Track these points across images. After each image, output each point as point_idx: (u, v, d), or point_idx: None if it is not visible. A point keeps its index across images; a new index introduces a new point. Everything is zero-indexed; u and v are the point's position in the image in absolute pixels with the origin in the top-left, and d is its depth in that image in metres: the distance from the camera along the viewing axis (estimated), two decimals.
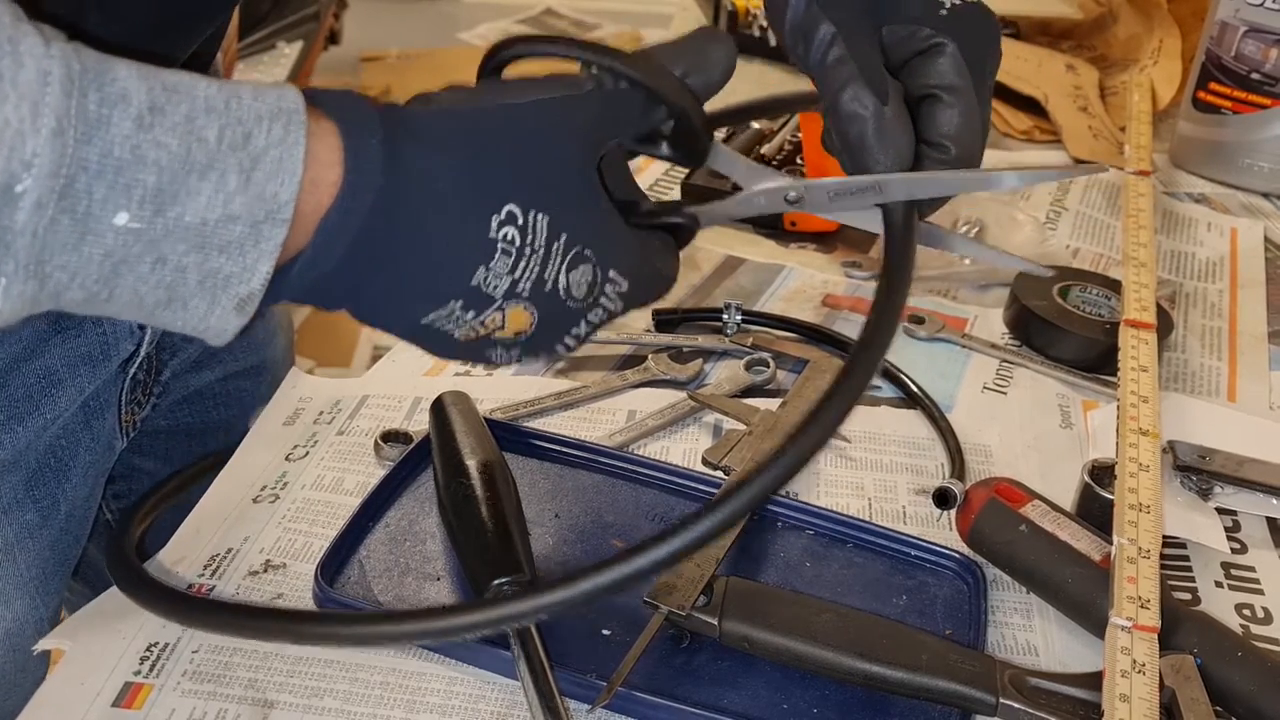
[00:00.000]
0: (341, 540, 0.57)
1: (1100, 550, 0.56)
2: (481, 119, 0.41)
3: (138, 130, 0.33)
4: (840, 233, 0.95)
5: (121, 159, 0.33)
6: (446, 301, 0.40)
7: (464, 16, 3.11)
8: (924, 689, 0.50)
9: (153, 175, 0.33)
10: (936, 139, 0.49)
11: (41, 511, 0.62)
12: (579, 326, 0.44)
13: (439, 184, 0.39)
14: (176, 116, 0.34)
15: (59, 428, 0.62)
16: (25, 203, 0.32)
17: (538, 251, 0.40)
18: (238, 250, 0.35)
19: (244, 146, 0.35)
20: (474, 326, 0.41)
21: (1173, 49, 1.17)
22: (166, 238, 0.34)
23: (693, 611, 0.52)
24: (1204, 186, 1.06)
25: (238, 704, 0.50)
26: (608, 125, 0.44)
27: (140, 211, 0.33)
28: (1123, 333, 0.71)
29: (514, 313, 0.41)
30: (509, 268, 0.40)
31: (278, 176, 0.35)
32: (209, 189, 0.34)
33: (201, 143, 0.34)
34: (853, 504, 0.64)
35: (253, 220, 0.35)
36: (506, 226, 0.39)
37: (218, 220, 0.35)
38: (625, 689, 0.49)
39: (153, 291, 0.35)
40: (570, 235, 0.41)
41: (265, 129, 0.35)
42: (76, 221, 0.33)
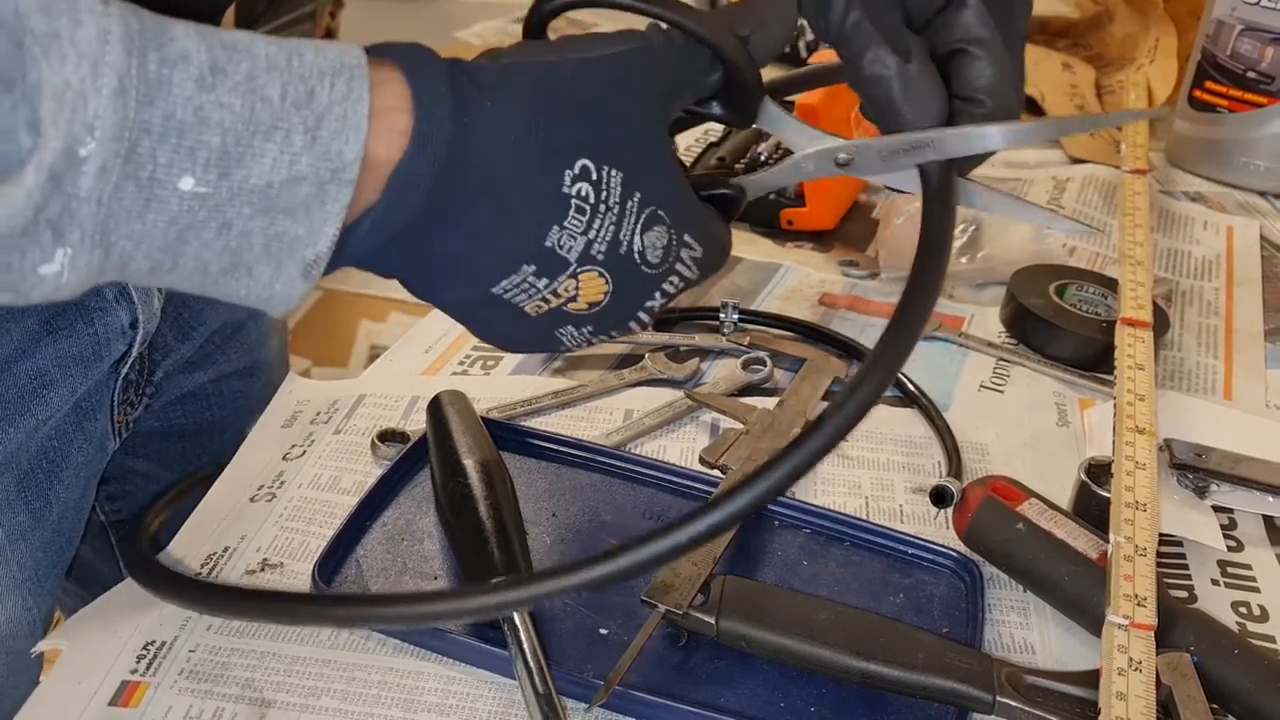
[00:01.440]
0: (339, 539, 0.57)
1: (1097, 548, 0.56)
2: (553, 71, 0.39)
3: (200, 91, 0.32)
4: (837, 231, 0.95)
5: (185, 121, 0.32)
6: (519, 265, 0.38)
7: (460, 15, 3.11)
8: (921, 687, 0.50)
9: (217, 137, 0.32)
10: (969, 93, 0.48)
11: (34, 512, 0.62)
12: (653, 296, 0.43)
13: (510, 136, 0.37)
14: (238, 75, 0.33)
15: (51, 428, 0.61)
16: (89, 167, 0.31)
17: (612, 209, 0.39)
18: (304, 212, 0.34)
19: (308, 104, 0.34)
20: (546, 296, 0.40)
21: (1169, 47, 1.18)
22: (232, 201, 0.33)
23: (690, 610, 0.52)
24: (1200, 185, 1.06)
25: (235, 703, 0.50)
26: (679, 82, 0.43)
27: (205, 175, 0.33)
28: (1119, 331, 0.71)
29: (588, 279, 0.40)
30: (583, 226, 0.39)
31: (342, 134, 0.34)
32: (274, 149, 0.33)
33: (265, 102, 0.33)
34: (850, 502, 0.64)
35: (319, 180, 0.34)
36: (580, 183, 0.38)
37: (283, 182, 0.34)
38: (623, 688, 0.49)
39: (218, 258, 0.34)
40: (644, 194, 0.40)
41: (329, 85, 0.34)
42: (141, 187, 0.32)
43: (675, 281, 0.43)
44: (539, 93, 0.39)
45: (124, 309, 0.62)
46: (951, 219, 0.46)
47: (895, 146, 0.47)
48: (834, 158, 0.49)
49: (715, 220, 0.46)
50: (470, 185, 0.37)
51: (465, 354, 0.77)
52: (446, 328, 0.80)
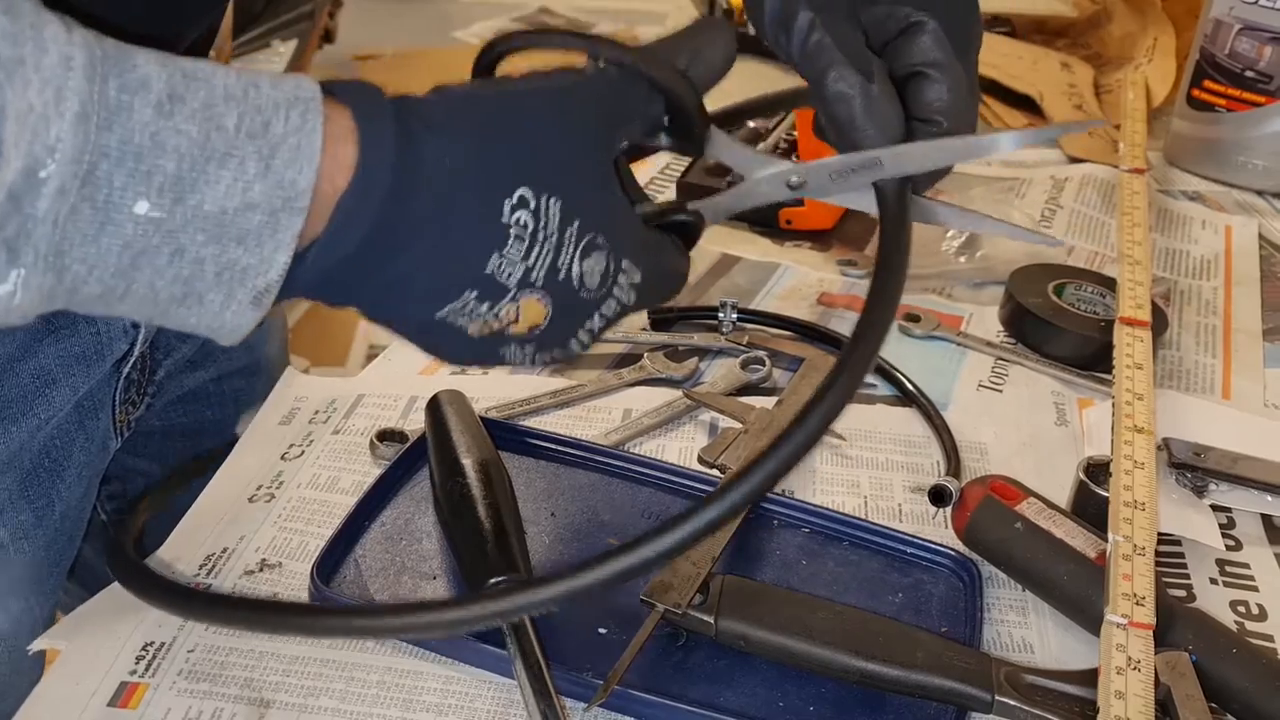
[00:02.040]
0: (337, 539, 0.57)
1: (1095, 547, 0.56)
2: (492, 104, 0.41)
3: (158, 117, 0.33)
4: (836, 231, 0.95)
5: (142, 145, 0.33)
6: (461, 292, 0.40)
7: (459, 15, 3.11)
8: (920, 686, 0.50)
9: (172, 162, 0.33)
10: (927, 115, 0.49)
11: (36, 512, 0.62)
12: (592, 320, 0.44)
13: (451, 166, 0.38)
14: (195, 103, 0.34)
15: (53, 428, 0.61)
16: (48, 189, 0.31)
17: (550, 237, 0.40)
18: (255, 240, 0.35)
19: (263, 134, 0.35)
20: (488, 320, 0.41)
21: (1167, 47, 1.18)
22: (185, 227, 0.34)
23: (689, 610, 0.52)
24: (1199, 184, 1.06)
25: (234, 703, 0.50)
26: (617, 112, 0.44)
27: (160, 200, 0.33)
28: (1118, 330, 0.71)
29: (528, 304, 0.41)
30: (522, 254, 0.40)
31: (296, 163, 0.35)
32: (228, 176, 0.34)
33: (221, 130, 0.34)
34: (848, 502, 0.64)
35: (271, 208, 0.35)
36: (519, 211, 0.39)
37: (236, 209, 0.34)
38: (622, 687, 0.49)
39: (169, 286, 0.35)
40: (583, 221, 0.41)
41: (284, 116, 0.35)
42: (97, 210, 0.33)
43: (613, 305, 0.44)
44: (478, 124, 0.40)
45: None
46: (907, 233, 0.47)
47: (846, 166, 0.48)
48: (785, 181, 0.50)
49: (666, 247, 0.47)
50: (412, 214, 0.38)
51: None
52: None
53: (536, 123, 0.41)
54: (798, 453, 0.40)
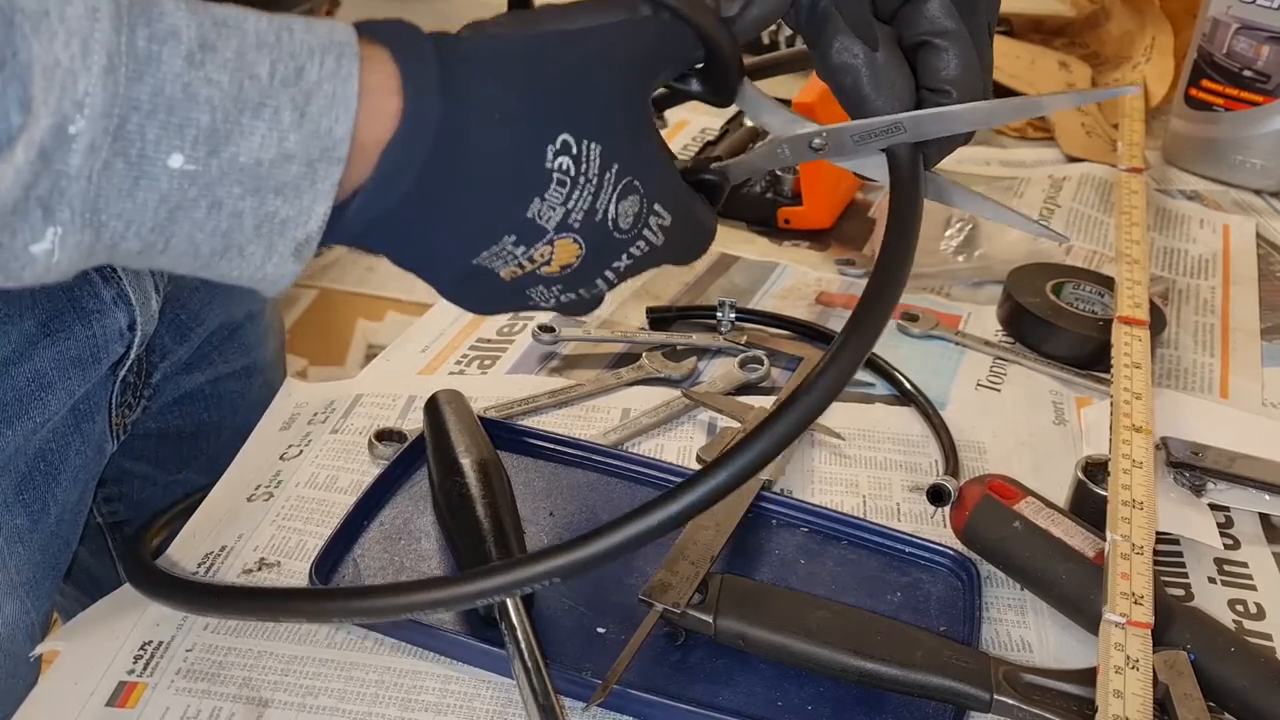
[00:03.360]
0: (336, 538, 0.57)
1: (1094, 546, 0.56)
2: (536, 45, 0.40)
3: (189, 67, 0.32)
4: (834, 230, 0.95)
5: (173, 97, 0.32)
6: (501, 236, 0.39)
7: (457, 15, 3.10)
8: (918, 686, 0.50)
9: (206, 114, 0.32)
10: (936, 84, 0.49)
11: (32, 515, 0.62)
12: (620, 259, 0.43)
13: (495, 112, 0.38)
14: (227, 52, 0.33)
15: (49, 431, 0.61)
16: (79, 145, 0.31)
17: (591, 181, 0.40)
18: (294, 191, 0.34)
19: (297, 81, 0.34)
20: (521, 262, 0.40)
21: (1165, 46, 1.18)
22: (222, 180, 0.33)
23: (688, 609, 0.52)
24: (1197, 183, 1.06)
25: (232, 702, 0.50)
26: (659, 57, 0.43)
27: (194, 152, 0.33)
28: (1116, 329, 0.71)
29: (562, 245, 0.40)
30: (563, 198, 0.39)
31: (332, 111, 0.34)
32: (263, 127, 0.33)
33: (254, 79, 0.33)
34: (847, 501, 0.64)
35: (308, 159, 0.34)
36: (562, 156, 0.39)
37: (273, 160, 0.34)
38: (620, 687, 0.49)
39: (209, 240, 0.34)
40: (622, 165, 0.41)
41: (318, 62, 0.34)
42: (130, 165, 0.32)
43: (642, 246, 0.44)
44: (523, 69, 0.39)
45: (122, 311, 0.62)
46: (919, 198, 0.47)
47: (868, 130, 0.48)
48: (808, 142, 0.49)
49: (696, 201, 0.47)
50: (458, 164, 0.37)
51: (462, 353, 0.77)
52: (444, 327, 0.80)
53: (579, 67, 0.40)
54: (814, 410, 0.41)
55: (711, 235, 0.48)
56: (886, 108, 0.48)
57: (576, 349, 0.78)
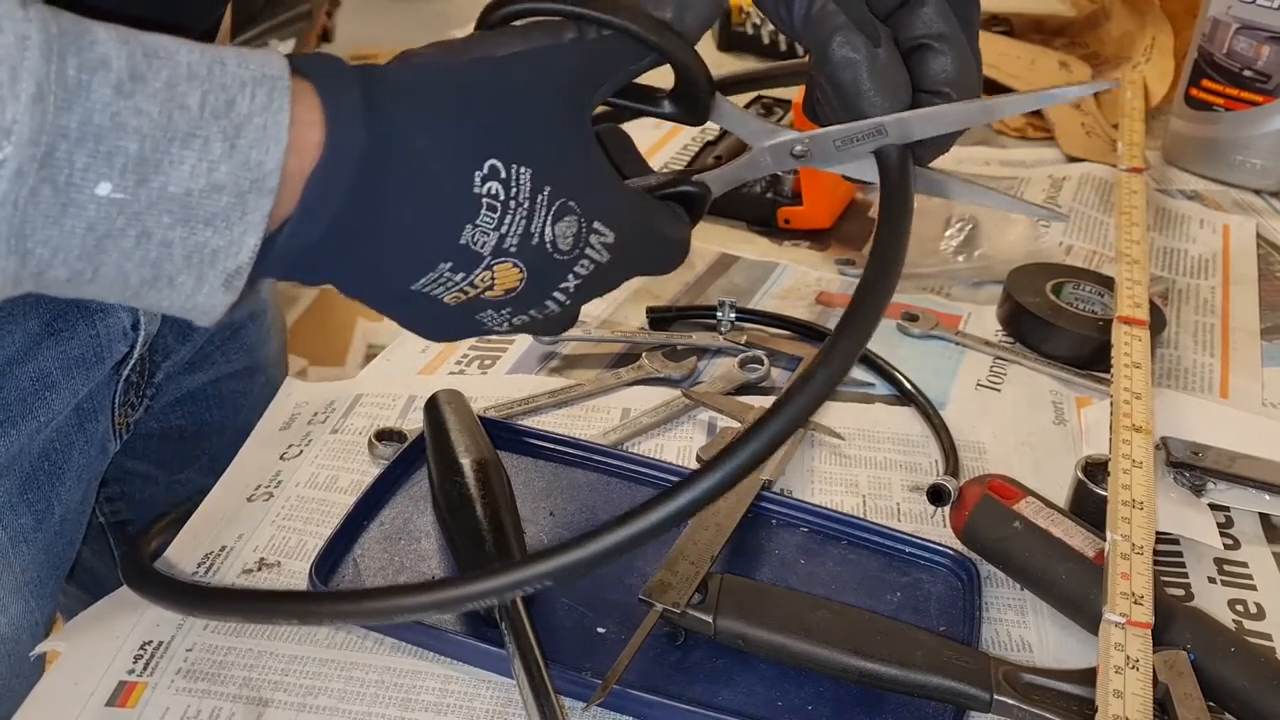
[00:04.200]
0: (336, 538, 0.57)
1: (1094, 546, 0.56)
2: (459, 74, 0.40)
3: (118, 97, 0.32)
4: (834, 230, 0.95)
5: (102, 126, 0.32)
6: (435, 264, 0.39)
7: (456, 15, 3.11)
8: (918, 686, 0.50)
9: (134, 143, 0.33)
10: (933, 86, 0.49)
11: (36, 515, 0.62)
12: (566, 280, 0.43)
13: (420, 141, 0.38)
14: (157, 83, 0.33)
15: (52, 431, 0.61)
16: (5, 171, 0.31)
17: (522, 205, 0.40)
18: (224, 222, 0.35)
19: (227, 114, 0.34)
20: (463, 288, 0.41)
21: (1165, 46, 1.18)
22: (150, 209, 0.33)
23: (687, 609, 0.52)
24: (1196, 183, 1.06)
25: (232, 702, 0.50)
26: (591, 74, 0.43)
27: (123, 181, 0.33)
28: (1116, 329, 0.71)
29: (502, 270, 0.41)
30: (495, 223, 0.39)
31: (262, 144, 0.34)
32: (192, 157, 0.33)
33: (184, 110, 0.33)
34: (847, 501, 0.64)
35: (238, 190, 0.34)
36: (490, 182, 0.39)
37: (202, 190, 0.34)
38: (621, 686, 0.49)
39: (138, 269, 0.35)
40: (554, 188, 0.41)
41: (249, 95, 0.34)
42: (58, 191, 0.32)
43: (586, 264, 0.44)
44: (447, 96, 0.39)
45: (126, 311, 0.62)
46: (909, 198, 0.47)
47: (851, 134, 0.48)
48: (790, 150, 0.49)
49: (656, 210, 0.46)
50: (383, 191, 0.38)
51: (462, 353, 0.77)
52: None
53: (504, 91, 0.40)
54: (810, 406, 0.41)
55: (681, 246, 0.48)
56: (885, 105, 0.47)
57: (576, 349, 0.78)
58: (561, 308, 0.45)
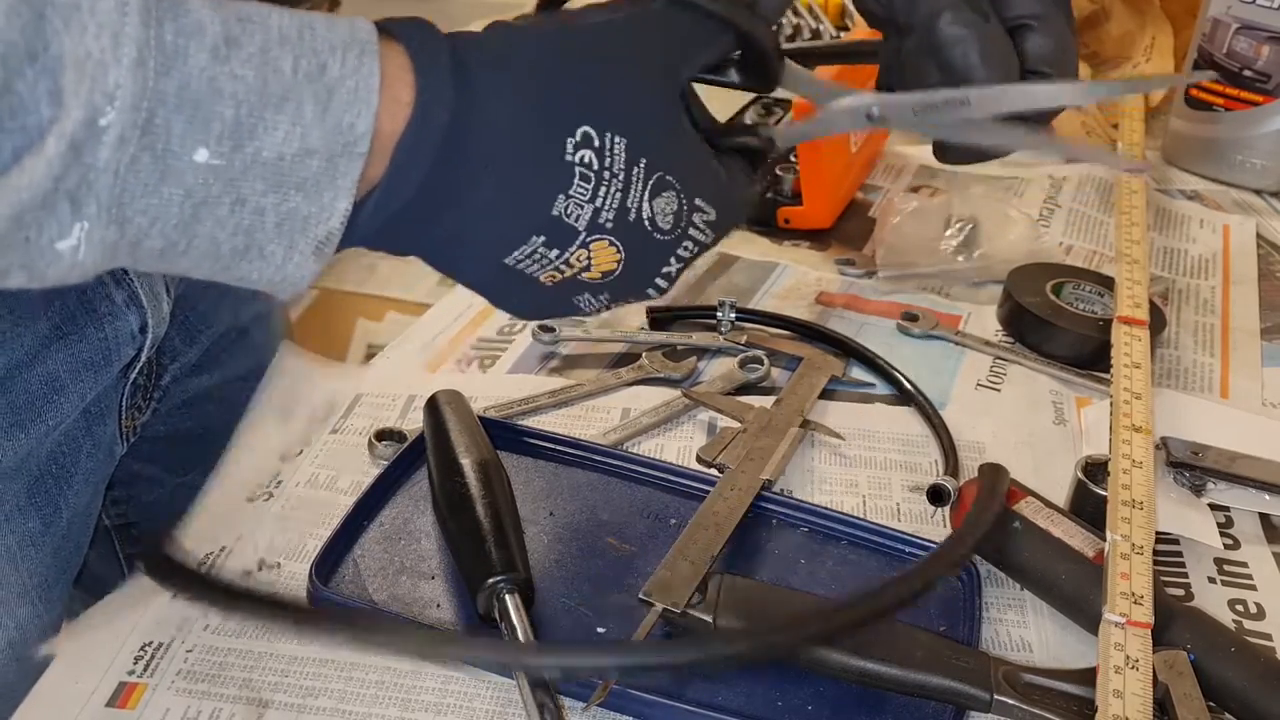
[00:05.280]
0: (336, 539, 0.57)
1: (1094, 546, 0.56)
2: (549, 40, 0.40)
3: (214, 62, 0.32)
4: (835, 230, 0.95)
5: (199, 92, 0.32)
6: (528, 236, 0.38)
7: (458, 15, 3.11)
8: (918, 685, 0.50)
9: (230, 108, 0.32)
10: (1034, 66, 0.49)
11: (44, 519, 0.62)
12: (669, 263, 0.42)
13: (510, 103, 0.37)
14: (251, 48, 0.33)
15: (61, 434, 0.61)
16: (109, 137, 0.31)
17: (617, 176, 0.39)
18: (315, 187, 0.34)
19: (319, 77, 0.34)
20: (559, 266, 0.39)
21: (1165, 46, 1.18)
22: (245, 175, 0.33)
23: (687, 609, 0.52)
24: (1196, 183, 1.06)
25: (232, 703, 0.50)
26: (681, 46, 0.42)
27: (219, 147, 0.33)
28: (1116, 329, 0.71)
29: (599, 249, 0.39)
30: (589, 194, 0.38)
31: (353, 107, 0.34)
32: (286, 122, 0.33)
33: (278, 74, 0.33)
34: (847, 501, 0.64)
35: (330, 154, 0.34)
36: (583, 149, 0.38)
37: (295, 155, 0.34)
38: (620, 686, 0.49)
39: (231, 238, 0.34)
40: (650, 160, 0.39)
41: (340, 58, 0.34)
42: (157, 159, 0.32)
43: (689, 246, 0.43)
44: (538, 61, 0.38)
45: (134, 314, 0.62)
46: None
47: (930, 102, 0.47)
48: (866, 112, 0.48)
49: (736, 176, 0.46)
50: (472, 154, 0.37)
51: (463, 353, 0.77)
52: (444, 326, 0.80)
53: (598, 58, 0.39)
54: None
55: (748, 205, 0.48)
56: (995, 79, 0.47)
57: (576, 349, 0.78)
58: (661, 292, 0.43)
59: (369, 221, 0.37)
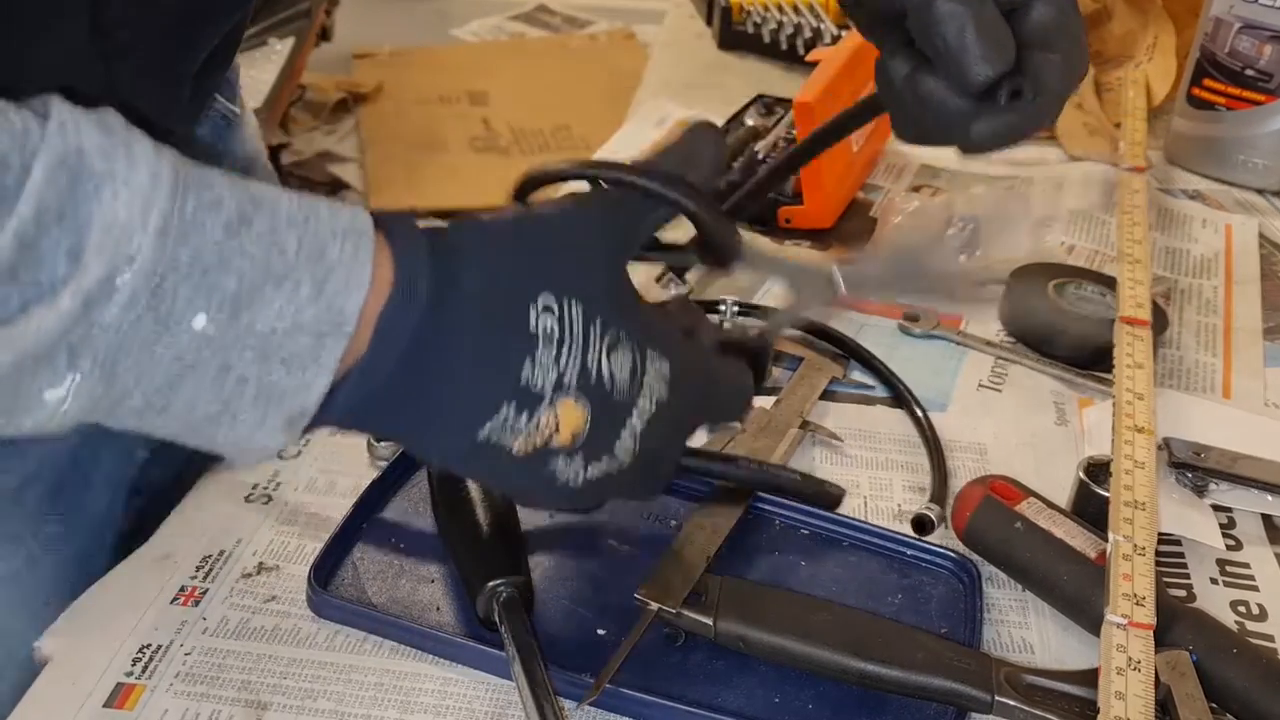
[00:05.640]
0: (335, 542, 0.57)
1: (1096, 547, 0.56)
2: (517, 218, 0.43)
3: (227, 237, 0.34)
4: (836, 230, 0.95)
5: (209, 263, 0.34)
6: (499, 405, 0.40)
7: (456, 13, 3.10)
8: (919, 687, 0.50)
9: (234, 280, 0.34)
10: (1038, 38, 0.49)
11: (65, 523, 0.61)
12: (631, 418, 0.44)
13: (479, 275, 0.40)
14: (262, 227, 0.35)
15: (80, 436, 0.61)
16: (120, 298, 0.32)
17: (577, 338, 0.41)
18: (299, 363, 0.36)
19: (319, 260, 0.36)
20: (530, 434, 0.41)
21: (1167, 45, 1.17)
22: (235, 344, 0.35)
23: (684, 610, 0.52)
24: (1199, 183, 1.06)
25: (231, 705, 0.50)
26: (624, 223, 0.46)
27: (218, 315, 0.34)
28: (1118, 330, 0.71)
29: (565, 409, 0.41)
30: (553, 356, 0.41)
31: (346, 290, 0.36)
32: (282, 298, 0.35)
33: (282, 254, 0.35)
34: (848, 503, 0.64)
35: (318, 332, 0.36)
36: (545, 316, 0.40)
37: (286, 330, 0.35)
38: (621, 688, 0.49)
39: (207, 404, 0.36)
40: (605, 319, 0.42)
41: (339, 245, 0.36)
42: (159, 321, 0.33)
43: (649, 400, 0.44)
44: (504, 237, 0.42)
45: None
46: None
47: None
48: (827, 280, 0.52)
49: (723, 368, 0.49)
50: (449, 324, 0.39)
51: None
52: None
53: (551, 235, 0.43)
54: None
55: (747, 395, 0.50)
56: (991, 58, 0.48)
57: None
58: (634, 456, 0.44)
59: (345, 400, 0.38)
